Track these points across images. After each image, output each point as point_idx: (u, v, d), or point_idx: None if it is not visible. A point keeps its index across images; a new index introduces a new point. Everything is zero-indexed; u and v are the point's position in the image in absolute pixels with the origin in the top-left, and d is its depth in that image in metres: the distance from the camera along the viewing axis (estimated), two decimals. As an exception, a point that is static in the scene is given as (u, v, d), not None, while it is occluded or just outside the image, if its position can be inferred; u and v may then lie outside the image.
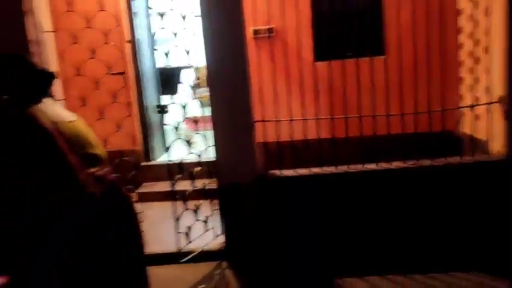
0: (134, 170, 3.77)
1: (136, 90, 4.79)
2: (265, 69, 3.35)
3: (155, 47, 2.92)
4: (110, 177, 1.94)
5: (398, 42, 3.43)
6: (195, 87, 3.28)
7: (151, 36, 4.92)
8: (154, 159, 4.97)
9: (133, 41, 4.68)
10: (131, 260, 1.95)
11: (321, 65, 3.36)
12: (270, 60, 3.32)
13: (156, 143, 5.09)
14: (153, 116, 5.07)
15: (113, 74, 3.63)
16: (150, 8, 4.90)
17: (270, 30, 4.18)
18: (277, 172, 3.36)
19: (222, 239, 3.40)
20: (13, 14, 3.00)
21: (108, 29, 3.56)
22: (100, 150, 1.99)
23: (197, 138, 3.30)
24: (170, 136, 5.47)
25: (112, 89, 3.68)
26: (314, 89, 3.39)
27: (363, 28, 4.56)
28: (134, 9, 4.70)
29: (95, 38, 3.54)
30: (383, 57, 4.42)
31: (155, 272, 2.10)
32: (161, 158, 5.15)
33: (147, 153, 4.91)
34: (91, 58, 3.50)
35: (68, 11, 3.30)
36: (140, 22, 4.76)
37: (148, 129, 4.89)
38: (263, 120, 3.34)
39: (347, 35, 4.42)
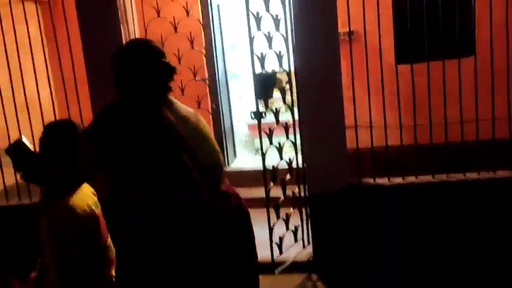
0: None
1: (210, 96, 4.78)
2: (346, 73, 3.18)
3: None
4: (233, 191, 1.84)
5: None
6: (284, 91, 3.18)
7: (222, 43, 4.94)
8: (229, 166, 4.93)
9: (209, 47, 4.68)
10: (248, 270, 1.87)
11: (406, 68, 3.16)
12: (350, 64, 3.16)
13: (230, 150, 5.06)
14: (227, 122, 5.06)
15: (197, 80, 3.61)
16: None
17: (351, 33, 4.01)
18: (370, 180, 3.19)
19: (310, 249, 3.27)
20: (111, 24, 3.06)
21: (193, 35, 3.55)
22: (220, 155, 1.84)
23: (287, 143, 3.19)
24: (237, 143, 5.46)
25: (195, 95, 3.66)
26: (397, 93, 3.18)
27: (451, 27, 4.29)
28: (212, 17, 4.68)
29: (180, 44, 3.55)
30: (472, 57, 4.12)
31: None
32: (234, 165, 5.12)
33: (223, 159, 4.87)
34: (178, 64, 3.51)
35: (157, 17, 3.33)
36: (216, 28, 4.76)
37: (223, 135, 4.86)
38: (355, 125, 3.18)
39: (432, 34, 4.17)
